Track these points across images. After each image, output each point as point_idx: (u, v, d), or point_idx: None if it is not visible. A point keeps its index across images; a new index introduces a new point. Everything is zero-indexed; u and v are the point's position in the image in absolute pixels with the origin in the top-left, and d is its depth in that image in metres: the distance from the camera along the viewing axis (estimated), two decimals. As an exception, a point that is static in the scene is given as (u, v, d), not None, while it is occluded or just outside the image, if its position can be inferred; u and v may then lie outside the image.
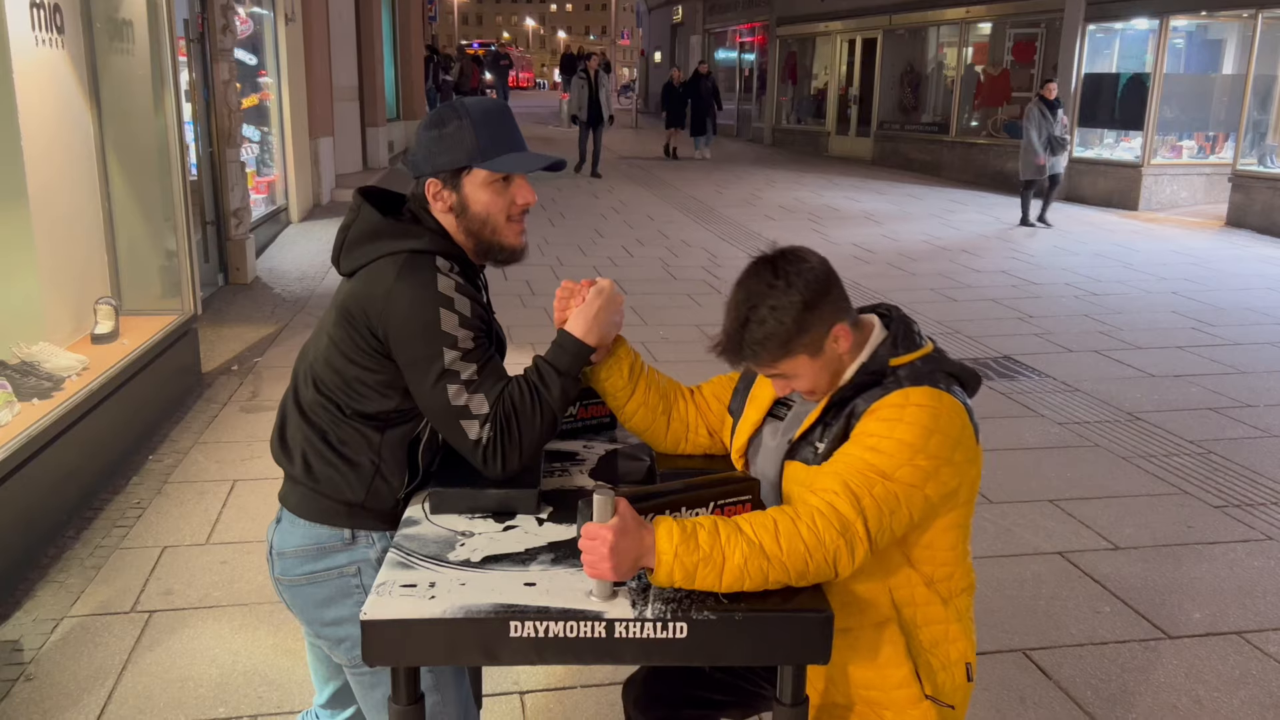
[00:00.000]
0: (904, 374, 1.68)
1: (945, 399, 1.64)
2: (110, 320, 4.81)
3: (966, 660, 1.78)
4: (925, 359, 1.71)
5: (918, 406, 1.62)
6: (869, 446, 1.61)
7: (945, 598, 1.75)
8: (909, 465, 1.58)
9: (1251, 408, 5.57)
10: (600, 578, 1.48)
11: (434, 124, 1.80)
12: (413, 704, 1.57)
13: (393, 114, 18.14)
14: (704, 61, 21.53)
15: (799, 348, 1.67)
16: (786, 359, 1.69)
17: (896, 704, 1.72)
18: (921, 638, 1.73)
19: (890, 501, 1.57)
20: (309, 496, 1.82)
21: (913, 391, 1.64)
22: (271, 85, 10.40)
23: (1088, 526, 4.09)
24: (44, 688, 2.92)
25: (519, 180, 1.83)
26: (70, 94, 4.84)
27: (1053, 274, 9.16)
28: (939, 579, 1.73)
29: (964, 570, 1.78)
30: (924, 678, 1.71)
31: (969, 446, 1.66)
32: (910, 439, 1.59)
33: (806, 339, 1.67)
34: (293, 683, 2.97)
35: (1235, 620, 3.41)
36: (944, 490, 1.63)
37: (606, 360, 1.92)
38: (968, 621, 1.79)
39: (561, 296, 1.89)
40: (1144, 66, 13.67)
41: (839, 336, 1.69)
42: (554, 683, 2.99)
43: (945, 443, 1.61)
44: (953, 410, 1.64)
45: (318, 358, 1.82)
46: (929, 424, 1.60)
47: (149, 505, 4.12)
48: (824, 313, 1.67)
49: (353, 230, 1.81)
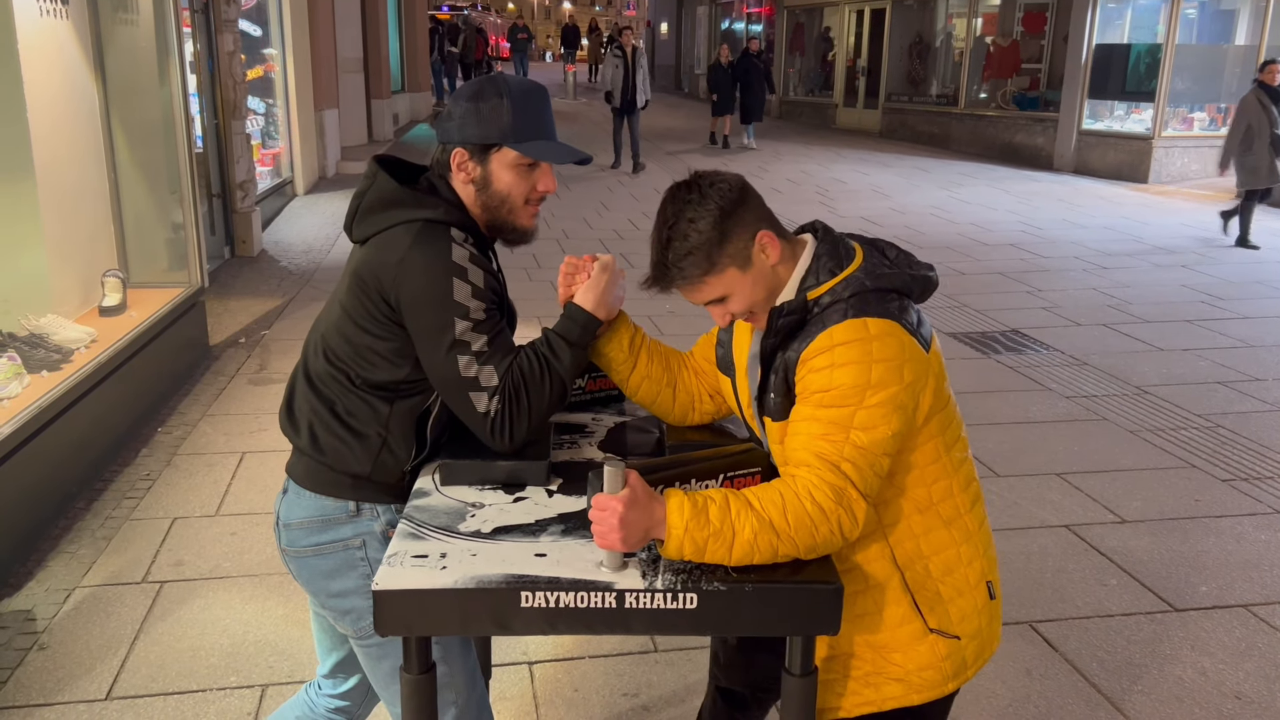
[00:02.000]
0: (826, 303, 1.62)
1: (871, 325, 1.57)
2: (118, 293, 4.82)
3: (987, 579, 1.73)
4: (846, 281, 1.62)
5: (845, 345, 1.56)
6: (817, 403, 1.57)
7: (947, 518, 1.70)
8: (862, 409, 1.54)
9: (1260, 381, 5.55)
10: (610, 548, 1.48)
11: (473, 95, 1.79)
12: (425, 673, 1.58)
13: (397, 86, 18.06)
14: (755, 38, 19.28)
15: (724, 258, 1.63)
16: (714, 274, 1.64)
17: (901, 643, 1.70)
18: (931, 567, 1.69)
19: (864, 455, 1.54)
20: (314, 468, 1.82)
21: (835, 330, 1.57)
22: (276, 57, 10.35)
23: (1095, 500, 4.09)
24: (57, 657, 2.95)
25: (544, 167, 1.82)
26: (75, 66, 4.82)
27: (1061, 247, 9.11)
28: (936, 498, 1.68)
29: (961, 481, 1.71)
30: (927, 610, 1.69)
31: (916, 360, 1.59)
32: (852, 380, 1.54)
33: (730, 248, 1.62)
34: (303, 652, 2.99)
35: (1242, 593, 3.42)
36: (905, 415, 1.58)
37: (607, 333, 1.92)
38: (980, 538, 1.74)
39: (566, 273, 1.88)
40: (1156, 37, 13.53)
41: (765, 245, 1.64)
42: (562, 653, 3.01)
43: (888, 370, 1.55)
44: (883, 333, 1.57)
45: (330, 327, 1.82)
46: (862, 358, 1.54)
47: (158, 477, 4.14)
48: (744, 219, 1.63)
49: (367, 197, 1.80)
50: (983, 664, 1.77)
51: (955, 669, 1.72)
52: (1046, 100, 15.17)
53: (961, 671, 1.73)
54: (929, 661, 1.70)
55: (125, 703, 2.76)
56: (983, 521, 1.77)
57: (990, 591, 1.75)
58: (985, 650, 1.76)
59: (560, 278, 1.89)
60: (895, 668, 1.72)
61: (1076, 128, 14.29)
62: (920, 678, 1.71)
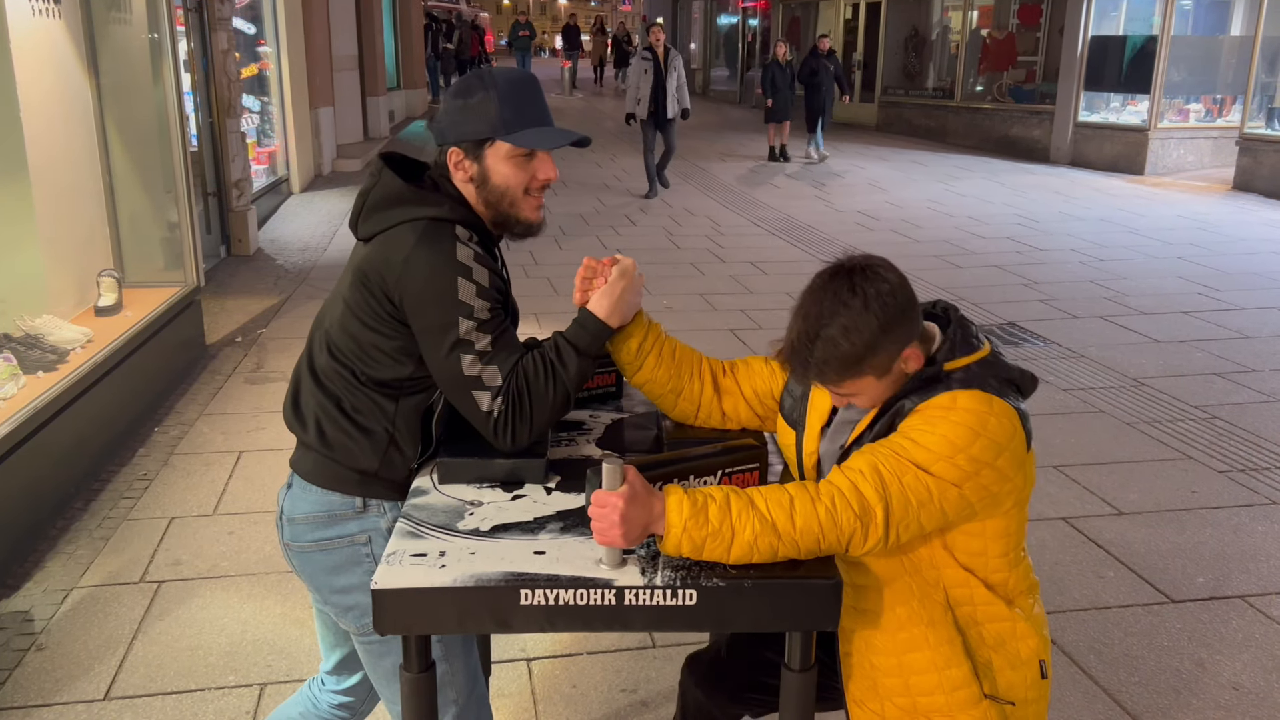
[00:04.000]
0: (957, 378, 1.63)
1: (995, 403, 1.59)
2: (113, 293, 4.81)
3: (1040, 658, 1.73)
4: (981, 363, 1.66)
5: (965, 410, 1.57)
6: (909, 438, 1.57)
7: (1007, 599, 1.71)
8: (947, 462, 1.54)
9: (1257, 372, 5.56)
10: (610, 545, 1.48)
11: (460, 92, 1.78)
12: (424, 672, 1.58)
13: (393, 83, 18.03)
14: (825, 34, 15.84)
15: (868, 369, 1.61)
16: (853, 380, 1.63)
17: (954, 707, 1.68)
18: (985, 635, 1.69)
19: (921, 493, 1.53)
20: (322, 463, 1.82)
21: (961, 395, 1.59)
22: (271, 55, 10.33)
23: (1092, 492, 4.10)
24: (55, 657, 2.95)
25: (541, 155, 1.81)
26: (69, 65, 4.81)
27: (1058, 240, 9.12)
28: (995, 584, 1.69)
29: (1020, 575, 1.73)
30: (983, 676, 1.67)
31: (1016, 453, 1.61)
32: (953, 438, 1.55)
33: (876, 361, 1.60)
34: (301, 651, 2.99)
35: (1238, 584, 3.42)
36: (983, 493, 1.58)
37: (617, 335, 1.89)
38: (1036, 620, 1.74)
39: (584, 276, 1.84)
40: (1151, 29, 13.53)
41: (909, 358, 1.64)
42: (561, 650, 3.01)
43: (990, 447, 1.56)
44: (1002, 415, 1.59)
45: (333, 323, 1.81)
46: (975, 426, 1.56)
47: (156, 477, 4.14)
48: (898, 336, 1.60)
49: (373, 195, 1.80)
50: None
51: None
52: (1042, 93, 15.16)
53: None
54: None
55: (124, 703, 2.76)
56: (1038, 607, 1.77)
57: (1043, 671, 1.74)
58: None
59: (577, 280, 1.85)
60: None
61: (1072, 120, 14.29)
62: None
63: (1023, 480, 1.65)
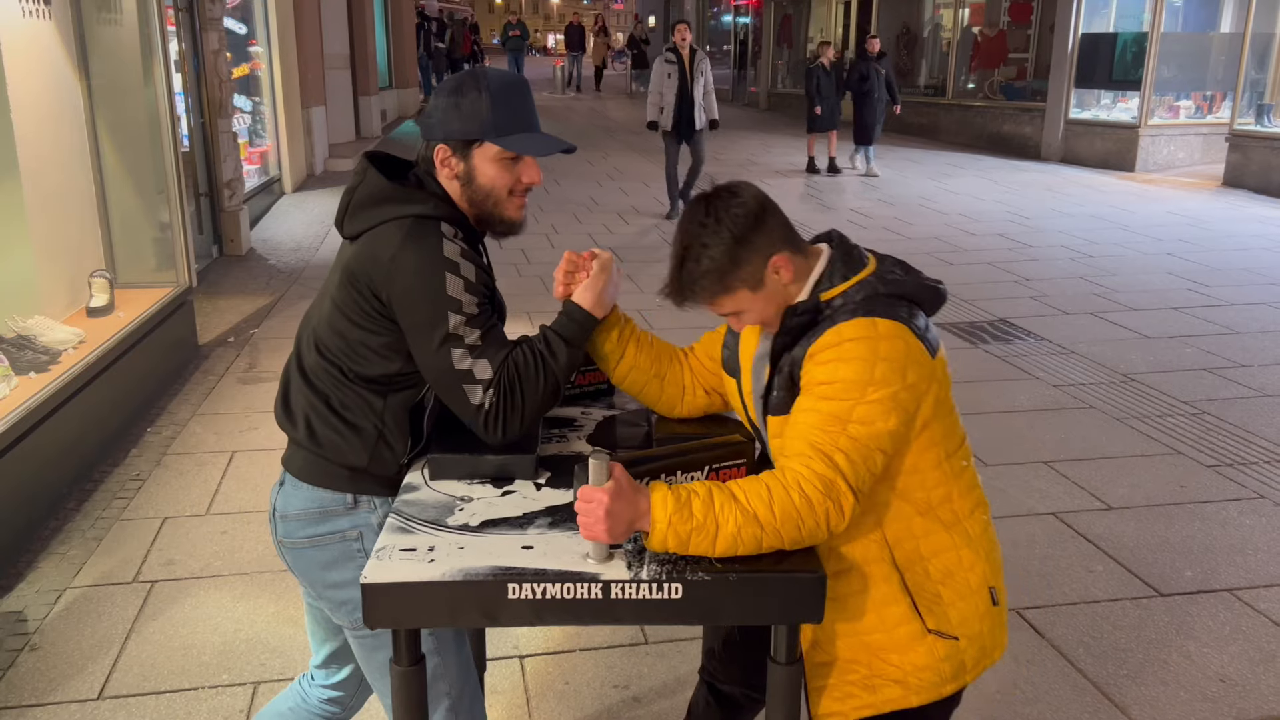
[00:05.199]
0: (838, 305, 1.65)
1: (880, 324, 1.61)
2: (105, 293, 4.82)
3: (989, 584, 1.74)
4: (859, 285, 1.67)
5: (853, 341, 1.59)
6: (819, 395, 1.59)
7: (948, 523, 1.71)
8: (862, 404, 1.56)
9: (1245, 368, 5.59)
10: (595, 540, 1.50)
11: (452, 90, 1.80)
12: (414, 665, 1.59)
13: (385, 82, 18.01)
14: (875, 35, 14.28)
15: (737, 282, 1.66)
16: (726, 295, 1.68)
17: (899, 644, 1.70)
18: (931, 569, 1.70)
19: (859, 449, 1.56)
20: (312, 460, 1.83)
21: (844, 326, 1.61)
22: (262, 54, 10.31)
23: (1081, 487, 4.12)
24: (49, 657, 2.96)
25: (527, 159, 1.83)
26: (59, 66, 4.81)
27: (1049, 237, 9.15)
28: (936, 503, 1.69)
29: (962, 488, 1.73)
30: (925, 611, 1.69)
31: (920, 363, 1.62)
32: (855, 376, 1.57)
33: (742, 273, 1.66)
34: (295, 649, 3.00)
35: (1226, 577, 3.45)
36: (905, 416, 1.60)
37: (598, 326, 1.93)
38: (982, 544, 1.74)
39: (565, 270, 1.88)
40: (1141, 26, 13.57)
41: (779, 267, 1.67)
42: (553, 646, 3.02)
43: (891, 369, 1.58)
44: (891, 333, 1.60)
45: (321, 321, 1.83)
46: (868, 355, 1.58)
47: (149, 477, 4.14)
48: (757, 244, 1.66)
49: (358, 193, 1.81)
50: (985, 668, 1.77)
51: (954, 671, 1.72)
52: (1033, 90, 15.20)
53: (961, 674, 1.73)
54: (927, 663, 1.70)
55: (117, 702, 2.77)
56: (986, 527, 1.77)
57: (993, 598, 1.75)
58: (987, 655, 1.76)
59: (559, 274, 1.89)
60: (893, 669, 1.72)
61: (1063, 117, 14.33)
62: (918, 679, 1.71)
63: (937, 386, 1.66)
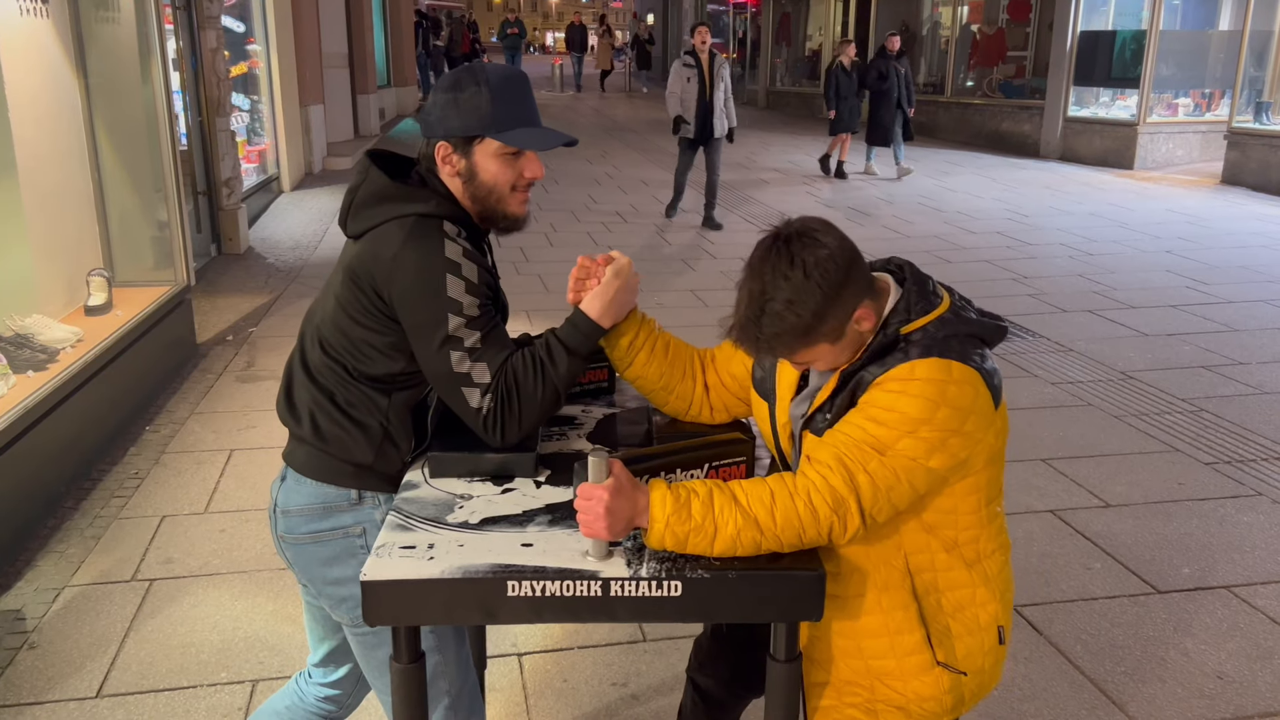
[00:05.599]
0: (915, 340, 1.59)
1: (955, 369, 1.56)
2: (103, 292, 4.81)
3: (999, 623, 1.72)
4: (939, 321, 1.61)
5: (924, 381, 1.54)
6: (870, 417, 1.55)
7: (970, 561, 1.69)
8: (910, 438, 1.52)
9: (1244, 365, 5.60)
10: (595, 537, 1.49)
11: (451, 86, 1.78)
12: (414, 663, 1.59)
13: (383, 81, 18.00)
14: (895, 31, 13.55)
15: (819, 337, 1.58)
16: (805, 350, 1.61)
17: (906, 672, 1.69)
18: (944, 602, 1.69)
19: (888, 477, 1.52)
20: (316, 456, 1.83)
21: (919, 364, 1.55)
22: (260, 53, 10.30)
23: (1080, 485, 4.12)
24: (48, 655, 2.96)
25: (529, 154, 1.81)
26: (57, 64, 4.80)
27: (1048, 235, 9.15)
28: (962, 543, 1.67)
29: (991, 532, 1.71)
30: (937, 644, 1.68)
31: (983, 414, 1.58)
32: (914, 413, 1.53)
33: (826, 328, 1.57)
34: (293, 648, 3.00)
35: (1224, 575, 3.45)
36: (952, 461, 1.56)
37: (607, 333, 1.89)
38: (999, 583, 1.73)
39: (578, 276, 1.84)
40: (1140, 24, 13.57)
41: (862, 319, 1.60)
42: (551, 644, 3.02)
43: (954, 415, 1.54)
44: (963, 380, 1.56)
45: (324, 319, 1.82)
46: (935, 397, 1.53)
47: (147, 475, 4.14)
48: (845, 300, 1.57)
49: (360, 192, 1.80)
50: (978, 701, 1.77)
51: (954, 703, 1.72)
52: (1032, 88, 15.21)
53: (959, 707, 1.73)
54: (931, 694, 1.70)
55: (116, 700, 2.77)
56: (1004, 567, 1.75)
57: (1000, 636, 1.74)
58: (983, 689, 1.76)
59: (571, 280, 1.84)
60: (896, 695, 1.71)
61: (1062, 115, 14.34)
62: (920, 708, 1.71)
63: (993, 437, 1.62)
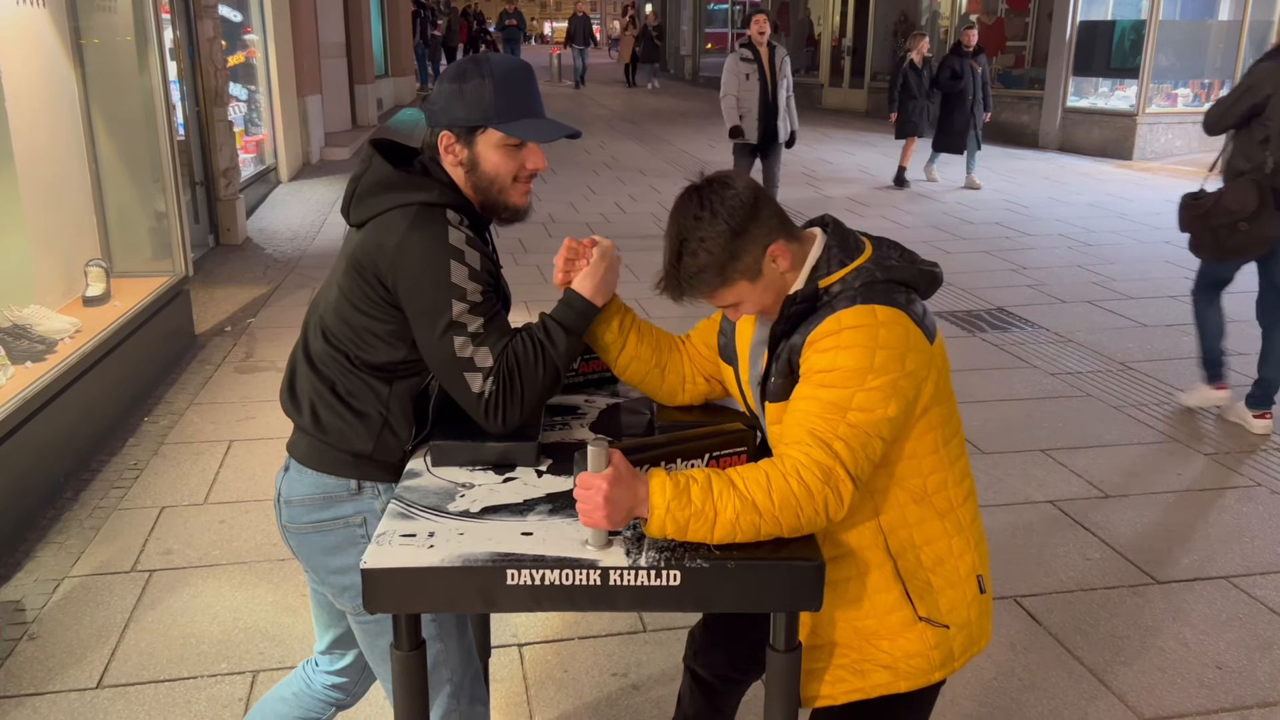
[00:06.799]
0: (836, 292, 1.65)
1: (879, 312, 1.60)
2: (101, 282, 4.80)
3: (978, 573, 1.75)
4: (857, 271, 1.66)
5: (852, 329, 1.58)
6: (818, 383, 1.59)
7: (942, 511, 1.71)
8: (862, 391, 1.56)
9: (1242, 355, 5.60)
10: (594, 526, 1.50)
11: (455, 76, 1.79)
12: (414, 650, 1.60)
13: (381, 71, 17.95)
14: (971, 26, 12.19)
15: (735, 274, 1.66)
16: (724, 287, 1.67)
17: (890, 630, 1.71)
18: (922, 557, 1.71)
19: (858, 436, 1.56)
20: (316, 446, 1.84)
21: (844, 314, 1.60)
22: (257, 43, 10.27)
23: (1078, 475, 4.13)
24: (47, 646, 2.96)
25: (531, 145, 1.82)
26: (53, 54, 4.79)
27: (1046, 225, 9.15)
28: (931, 490, 1.70)
29: (956, 476, 1.74)
30: (917, 599, 1.70)
31: (920, 350, 1.62)
32: (855, 363, 1.57)
33: (740, 264, 1.65)
34: (293, 638, 3.01)
35: (1223, 565, 3.46)
36: (905, 403, 1.60)
37: (599, 316, 1.92)
38: (972, 532, 1.76)
39: (565, 257, 1.87)
40: (1139, 14, 13.54)
41: (776, 256, 1.66)
42: (551, 634, 3.03)
43: (892, 357, 1.58)
44: (890, 320, 1.60)
45: (327, 308, 1.83)
46: (868, 344, 1.57)
47: (146, 466, 4.14)
48: (754, 236, 1.64)
49: (363, 181, 1.81)
50: (971, 656, 1.78)
51: (943, 658, 1.73)
52: (1031, 78, 15.17)
53: (949, 662, 1.74)
54: (917, 649, 1.71)
55: (116, 691, 2.77)
56: (975, 517, 1.78)
57: (980, 585, 1.76)
58: (974, 643, 1.77)
59: (559, 262, 1.88)
60: (883, 654, 1.73)
61: (1061, 105, 14.31)
62: (908, 665, 1.72)
63: (936, 374, 1.66)
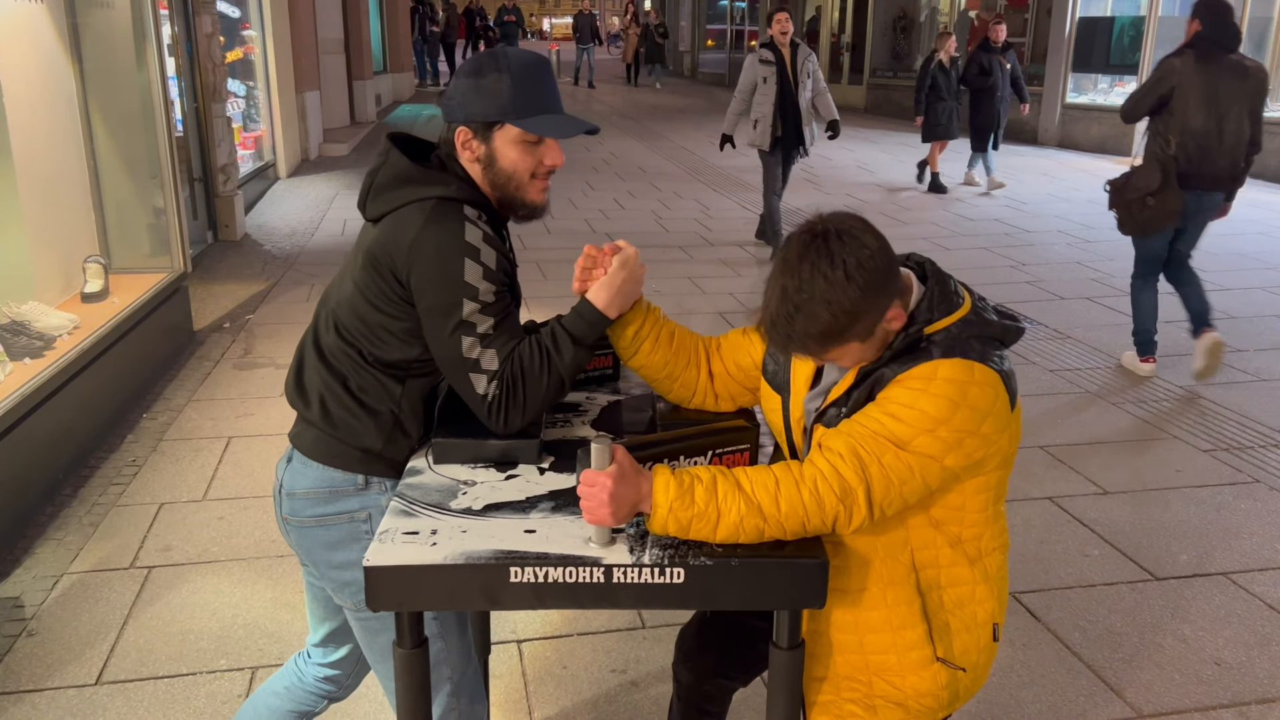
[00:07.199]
0: (938, 341, 1.58)
1: (977, 371, 1.55)
2: (99, 279, 4.79)
3: (994, 621, 1.73)
4: (962, 322, 1.60)
5: (946, 380, 1.53)
6: (889, 413, 1.54)
7: (972, 558, 1.69)
8: (928, 436, 1.51)
9: (1241, 352, 5.60)
10: (598, 523, 1.49)
11: (472, 71, 1.77)
12: (417, 648, 1.59)
13: (379, 67, 17.92)
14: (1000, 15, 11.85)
15: (851, 336, 1.55)
16: (838, 348, 1.57)
17: (906, 667, 1.69)
18: (945, 599, 1.69)
19: (901, 471, 1.52)
20: (324, 439, 1.82)
21: (943, 364, 1.54)
22: (255, 38, 10.25)
23: (1077, 472, 4.13)
24: (46, 643, 2.96)
25: (549, 142, 1.80)
26: (51, 51, 4.77)
27: (1045, 222, 9.15)
28: (966, 539, 1.67)
29: (994, 531, 1.71)
30: (938, 639, 1.68)
31: (1000, 416, 1.57)
32: (934, 412, 1.51)
33: (860, 327, 1.53)
34: (292, 635, 3.00)
35: (1222, 561, 3.46)
36: (967, 461, 1.56)
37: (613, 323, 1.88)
38: (997, 581, 1.73)
39: (584, 265, 1.82)
40: (1139, 10, 13.54)
41: (893, 319, 1.58)
42: (551, 631, 3.03)
43: (972, 417, 1.53)
44: (984, 382, 1.55)
45: (341, 302, 1.81)
46: (955, 398, 1.52)
47: (145, 463, 4.14)
48: (881, 301, 1.53)
49: (380, 175, 1.79)
50: (969, 698, 1.78)
51: (950, 699, 1.72)
52: (1030, 74, 15.16)
53: (953, 703, 1.73)
54: (929, 689, 1.70)
55: (115, 687, 2.77)
56: (1001, 566, 1.75)
57: (995, 634, 1.74)
58: (976, 684, 1.76)
59: (577, 269, 1.83)
60: (894, 691, 1.71)
61: (1060, 101, 14.32)
62: (919, 704, 1.71)
63: (1007, 441, 1.62)
